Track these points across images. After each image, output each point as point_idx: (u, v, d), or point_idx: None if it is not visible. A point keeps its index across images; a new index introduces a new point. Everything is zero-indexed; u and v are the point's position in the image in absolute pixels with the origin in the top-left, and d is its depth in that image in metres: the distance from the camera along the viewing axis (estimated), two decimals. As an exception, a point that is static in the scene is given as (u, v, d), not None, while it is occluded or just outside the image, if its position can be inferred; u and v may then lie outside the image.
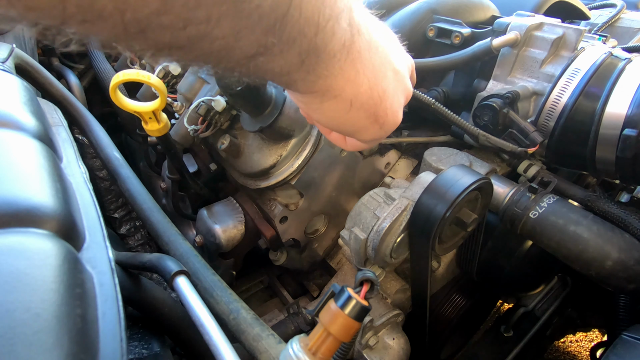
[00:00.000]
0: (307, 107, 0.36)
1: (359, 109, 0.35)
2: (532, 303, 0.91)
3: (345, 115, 0.35)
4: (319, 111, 0.35)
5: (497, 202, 0.70)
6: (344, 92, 0.33)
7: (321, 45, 0.27)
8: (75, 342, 0.29)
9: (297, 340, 0.41)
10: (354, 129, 0.38)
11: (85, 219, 0.44)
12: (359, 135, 0.39)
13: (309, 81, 0.30)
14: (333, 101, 0.33)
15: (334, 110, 0.34)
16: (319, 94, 0.32)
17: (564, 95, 0.65)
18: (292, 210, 0.80)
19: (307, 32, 0.26)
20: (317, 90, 0.32)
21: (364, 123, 0.36)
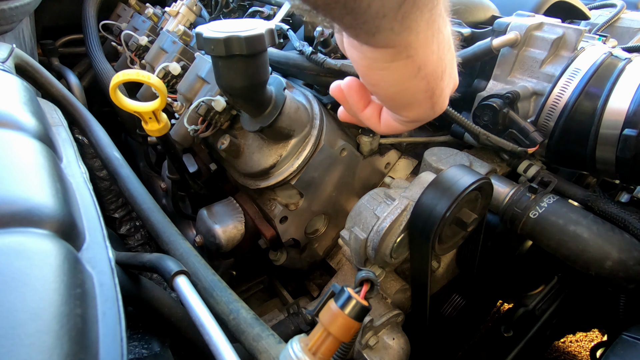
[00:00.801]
0: (372, 66, 0.35)
1: (423, 79, 0.34)
2: (532, 303, 0.91)
3: (408, 82, 0.34)
4: (384, 71, 0.34)
5: (497, 202, 0.70)
6: (417, 55, 0.32)
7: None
8: (75, 342, 0.29)
9: (297, 340, 0.41)
10: (409, 101, 0.37)
11: (85, 219, 0.44)
12: (407, 110, 0.38)
13: (395, 32, 0.29)
14: (403, 62, 0.33)
15: (400, 73, 0.34)
16: (395, 50, 0.32)
17: (564, 95, 0.65)
18: (292, 210, 0.80)
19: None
20: (397, 44, 0.31)
21: (421, 96, 0.36)
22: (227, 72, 0.61)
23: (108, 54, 1.29)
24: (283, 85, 0.71)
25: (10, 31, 0.98)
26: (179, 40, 1.01)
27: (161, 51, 1.06)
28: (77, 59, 1.52)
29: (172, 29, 1.12)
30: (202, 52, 0.92)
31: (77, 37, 1.52)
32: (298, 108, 0.73)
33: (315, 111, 0.77)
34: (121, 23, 1.39)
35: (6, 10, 0.88)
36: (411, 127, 0.42)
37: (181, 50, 0.98)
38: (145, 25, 1.22)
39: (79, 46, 1.50)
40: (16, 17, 0.93)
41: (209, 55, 0.81)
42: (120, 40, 1.22)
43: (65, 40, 1.52)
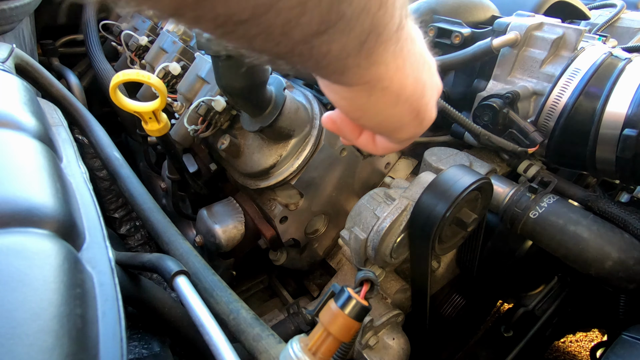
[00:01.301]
0: (352, 104, 0.35)
1: (405, 103, 0.34)
2: (532, 303, 0.91)
3: (391, 110, 0.34)
4: (364, 107, 0.34)
5: (497, 202, 0.70)
6: (393, 84, 0.32)
7: (382, 24, 0.26)
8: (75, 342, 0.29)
9: (297, 340, 0.41)
10: (396, 125, 0.37)
11: (85, 219, 0.44)
12: (397, 133, 0.38)
13: (363, 68, 0.29)
14: (381, 94, 0.32)
15: (381, 104, 0.33)
16: (369, 85, 0.31)
17: (564, 95, 0.65)
18: (292, 210, 0.80)
19: (371, 6, 0.25)
20: (369, 80, 0.31)
21: (407, 119, 0.36)
22: (227, 72, 0.61)
23: (108, 54, 1.29)
24: (283, 85, 0.71)
25: (10, 31, 0.98)
26: (179, 40, 1.01)
27: (161, 51, 1.06)
28: (77, 59, 1.52)
29: (172, 29, 1.12)
30: (202, 52, 0.92)
31: (77, 37, 1.52)
32: (298, 108, 0.73)
33: (315, 111, 0.77)
34: (121, 23, 1.39)
35: (6, 10, 0.88)
36: (408, 143, 0.42)
37: (181, 50, 0.98)
38: (145, 25, 1.22)
39: (79, 46, 1.50)
40: (16, 17, 0.93)
41: (209, 55, 0.81)
42: (120, 40, 1.22)
43: (65, 40, 1.52)
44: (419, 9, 0.84)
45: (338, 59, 0.27)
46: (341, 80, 0.31)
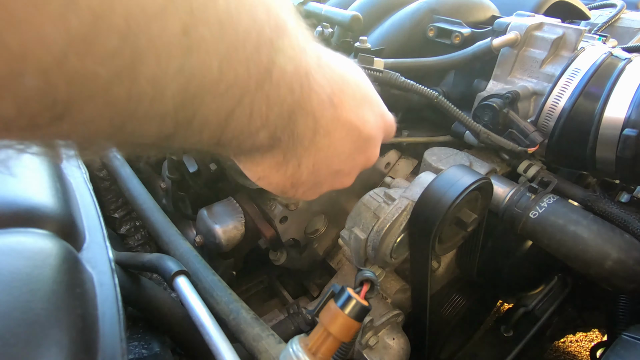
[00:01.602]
0: (287, 181, 0.32)
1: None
2: (532, 303, 0.91)
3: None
4: (306, 182, 0.32)
5: (497, 202, 0.70)
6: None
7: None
8: (75, 342, 0.29)
9: (297, 340, 0.41)
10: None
11: (85, 219, 0.44)
12: (351, 176, 0.37)
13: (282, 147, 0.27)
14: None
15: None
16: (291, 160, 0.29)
17: (564, 96, 0.65)
18: (292, 210, 0.80)
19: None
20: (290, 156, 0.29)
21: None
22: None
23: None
24: (283, 85, 0.70)
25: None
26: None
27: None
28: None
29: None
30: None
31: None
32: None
33: (315, 111, 0.77)
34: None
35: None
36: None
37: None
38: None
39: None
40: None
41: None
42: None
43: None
44: (419, 9, 0.84)
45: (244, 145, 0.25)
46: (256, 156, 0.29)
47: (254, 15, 0.20)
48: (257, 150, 0.26)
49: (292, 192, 0.32)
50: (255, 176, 0.31)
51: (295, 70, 0.23)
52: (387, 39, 0.82)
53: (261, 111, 0.22)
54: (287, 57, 0.22)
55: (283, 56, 0.22)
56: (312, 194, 0.34)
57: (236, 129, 0.22)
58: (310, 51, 0.25)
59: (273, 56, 0.21)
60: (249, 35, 0.19)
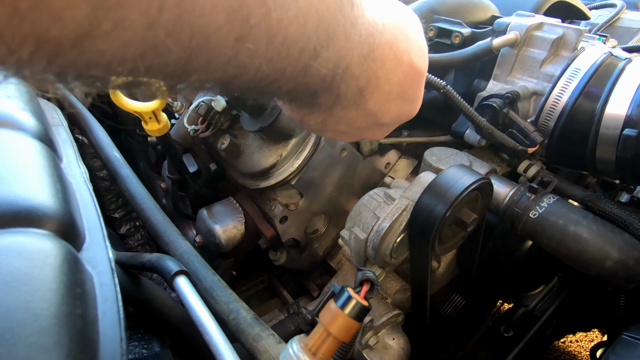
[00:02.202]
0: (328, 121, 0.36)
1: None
2: (532, 303, 0.91)
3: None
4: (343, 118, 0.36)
5: (497, 202, 0.70)
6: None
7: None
8: (75, 342, 0.29)
9: (297, 340, 0.41)
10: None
11: (85, 219, 0.44)
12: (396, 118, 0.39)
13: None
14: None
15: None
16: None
17: (564, 95, 0.65)
18: (292, 210, 0.80)
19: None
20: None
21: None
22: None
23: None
24: (283, 85, 0.70)
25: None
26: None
27: (161, 51, 1.06)
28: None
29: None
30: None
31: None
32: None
33: (315, 111, 0.77)
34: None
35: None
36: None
37: (181, 50, 0.98)
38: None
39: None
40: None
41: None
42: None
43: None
44: (419, 9, 0.84)
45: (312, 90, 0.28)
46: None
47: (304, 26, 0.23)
48: (279, 99, 0.30)
49: (299, 123, 0.37)
50: (298, 118, 0.35)
51: (335, 66, 0.26)
52: (387, 39, 0.82)
53: (289, 88, 0.26)
54: (332, 56, 0.25)
55: (325, 57, 0.25)
56: (315, 132, 0.39)
57: (266, 92, 0.26)
58: (367, 43, 0.28)
59: (314, 59, 0.24)
60: (301, 37, 0.23)
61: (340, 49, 0.26)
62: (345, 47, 0.26)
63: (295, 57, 0.23)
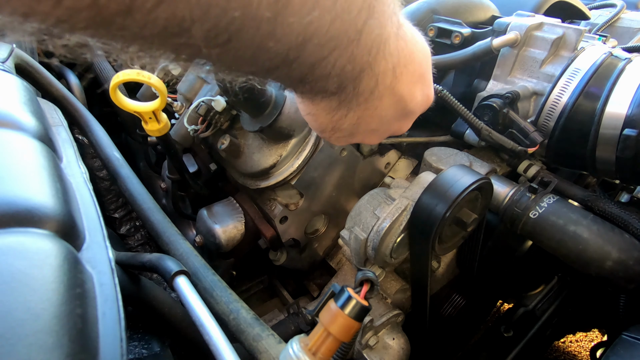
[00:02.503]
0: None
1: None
2: (532, 303, 0.91)
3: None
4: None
5: (497, 202, 0.70)
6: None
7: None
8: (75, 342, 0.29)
9: (297, 340, 0.41)
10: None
11: (85, 219, 0.44)
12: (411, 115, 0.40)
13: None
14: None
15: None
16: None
17: (564, 95, 0.65)
18: (292, 210, 0.80)
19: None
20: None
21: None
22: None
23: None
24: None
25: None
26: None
27: (161, 51, 1.05)
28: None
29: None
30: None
31: (77, 37, 1.51)
32: (298, 108, 0.72)
33: (315, 111, 0.77)
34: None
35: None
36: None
37: (181, 50, 0.98)
38: (146, 25, 1.22)
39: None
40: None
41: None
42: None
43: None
44: (419, 9, 0.84)
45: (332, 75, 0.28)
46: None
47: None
48: (323, 92, 0.30)
49: (329, 134, 0.37)
50: (306, 111, 0.36)
51: (378, 36, 0.27)
52: (387, 39, 0.82)
53: (342, 63, 0.26)
54: (377, 22, 0.26)
55: (374, 21, 0.25)
56: (343, 141, 0.39)
57: (319, 73, 0.26)
58: (395, 20, 0.28)
59: (368, 20, 0.25)
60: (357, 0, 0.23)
61: (385, 12, 0.26)
62: (387, 12, 0.27)
63: (355, 14, 0.24)
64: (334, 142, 0.39)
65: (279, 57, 0.24)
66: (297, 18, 0.21)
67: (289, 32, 0.22)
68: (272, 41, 0.22)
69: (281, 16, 0.21)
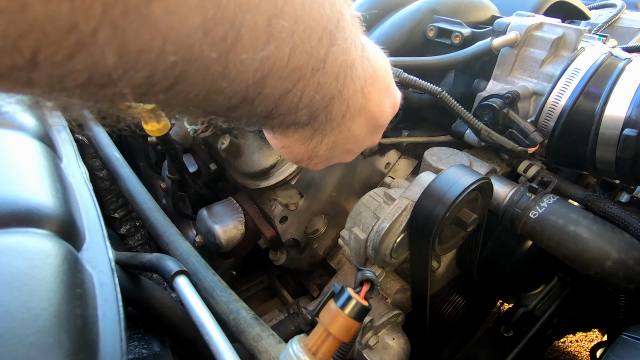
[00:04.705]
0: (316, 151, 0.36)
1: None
2: (532, 303, 0.91)
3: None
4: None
5: (497, 202, 0.70)
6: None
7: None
8: (75, 342, 0.29)
9: (297, 340, 0.41)
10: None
11: (85, 219, 0.44)
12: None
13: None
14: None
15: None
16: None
17: (564, 96, 0.65)
18: (292, 210, 0.80)
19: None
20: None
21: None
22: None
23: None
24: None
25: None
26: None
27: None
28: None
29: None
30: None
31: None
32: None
33: (315, 111, 0.77)
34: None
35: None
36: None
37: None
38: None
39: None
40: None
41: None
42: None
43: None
44: (419, 9, 0.84)
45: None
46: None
47: (322, 9, 0.22)
48: (294, 124, 0.29)
49: (306, 163, 0.36)
50: (280, 145, 0.34)
51: (344, 61, 0.26)
52: (387, 38, 0.82)
53: (310, 94, 0.25)
54: (340, 49, 0.25)
55: (337, 48, 0.25)
56: (321, 166, 0.38)
57: (286, 107, 0.25)
58: (358, 44, 0.28)
59: (330, 47, 0.24)
60: (316, 28, 0.22)
61: (347, 38, 0.26)
62: (350, 37, 0.26)
63: (315, 43, 0.23)
64: (311, 168, 0.38)
65: (238, 95, 0.22)
66: (250, 54, 0.20)
67: (244, 70, 0.21)
68: (225, 81, 0.21)
69: (232, 54, 0.19)
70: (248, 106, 0.24)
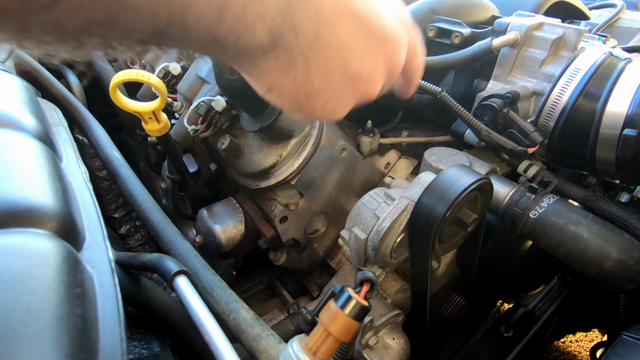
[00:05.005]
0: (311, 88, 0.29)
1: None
2: (532, 303, 0.91)
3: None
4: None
5: (497, 202, 0.70)
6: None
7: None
8: (75, 342, 0.29)
9: (297, 340, 0.41)
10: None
11: (85, 219, 0.44)
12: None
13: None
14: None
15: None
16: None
17: (564, 95, 0.65)
18: (292, 210, 0.80)
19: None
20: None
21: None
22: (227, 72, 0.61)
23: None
24: (283, 85, 0.70)
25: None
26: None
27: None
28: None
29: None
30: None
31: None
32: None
33: (315, 111, 0.77)
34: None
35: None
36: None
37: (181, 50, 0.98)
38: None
39: (79, 46, 1.49)
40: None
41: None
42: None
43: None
44: (419, 9, 0.84)
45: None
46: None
47: None
48: (257, 49, 0.24)
49: (310, 105, 0.29)
50: (265, 86, 0.28)
51: None
52: (387, 39, 0.82)
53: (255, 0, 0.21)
54: None
55: None
56: (334, 109, 0.30)
57: (231, 22, 0.21)
58: None
59: None
60: None
61: None
62: None
63: None
64: (319, 113, 0.30)
65: (160, 13, 0.19)
66: None
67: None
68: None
69: None
70: (180, 25, 0.20)
